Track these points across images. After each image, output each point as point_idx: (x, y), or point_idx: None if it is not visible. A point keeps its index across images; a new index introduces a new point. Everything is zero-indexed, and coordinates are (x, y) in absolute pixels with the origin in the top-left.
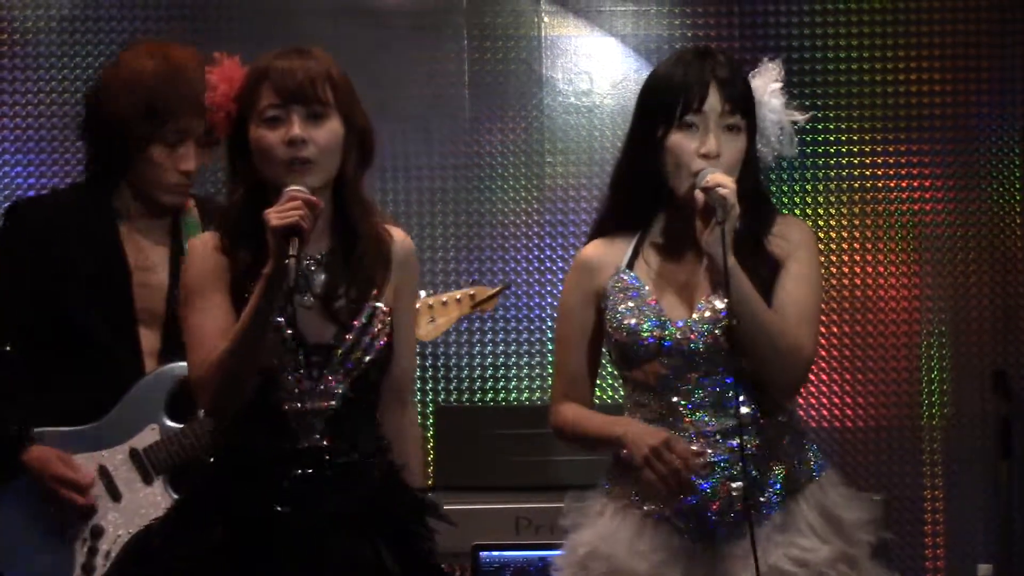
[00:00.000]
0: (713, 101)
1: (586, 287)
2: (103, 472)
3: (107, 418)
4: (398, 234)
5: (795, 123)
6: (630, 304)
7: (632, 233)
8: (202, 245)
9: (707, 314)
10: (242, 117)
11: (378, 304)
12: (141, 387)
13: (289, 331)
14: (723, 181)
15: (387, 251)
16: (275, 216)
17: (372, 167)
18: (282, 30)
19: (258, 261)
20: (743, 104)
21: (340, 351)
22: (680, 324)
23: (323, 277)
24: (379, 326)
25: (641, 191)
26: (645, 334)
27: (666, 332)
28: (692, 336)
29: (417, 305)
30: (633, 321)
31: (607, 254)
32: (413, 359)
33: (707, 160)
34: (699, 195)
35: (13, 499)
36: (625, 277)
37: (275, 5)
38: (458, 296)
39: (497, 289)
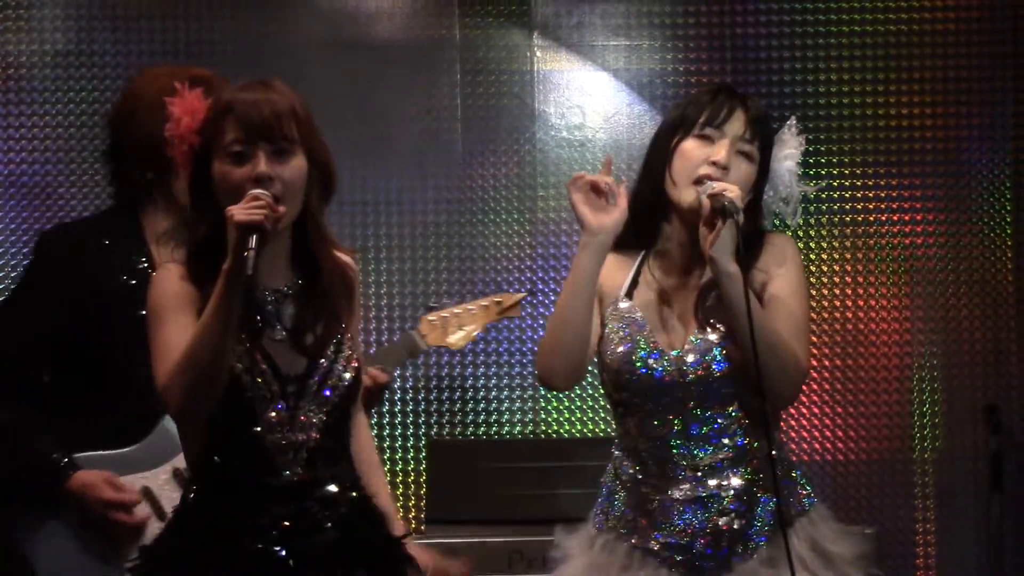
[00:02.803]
0: (735, 123)
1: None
2: (147, 493)
3: (148, 439)
4: (350, 261)
5: (803, 192)
6: (625, 333)
7: (634, 253)
8: (169, 273)
9: (701, 346)
10: (205, 150)
11: (345, 333)
12: None
13: (263, 363)
14: (729, 187)
15: (351, 282)
16: (239, 212)
17: (365, 201)
18: (276, 66)
19: None
20: (762, 136)
21: (314, 381)
22: (674, 355)
23: (292, 310)
24: (348, 353)
25: (648, 202)
26: (639, 364)
27: (660, 363)
28: (685, 368)
29: (445, 315)
30: (627, 350)
31: (608, 275)
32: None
33: (714, 168)
34: (705, 202)
35: (63, 523)
36: (623, 306)
37: (269, 41)
38: (484, 303)
39: (521, 295)
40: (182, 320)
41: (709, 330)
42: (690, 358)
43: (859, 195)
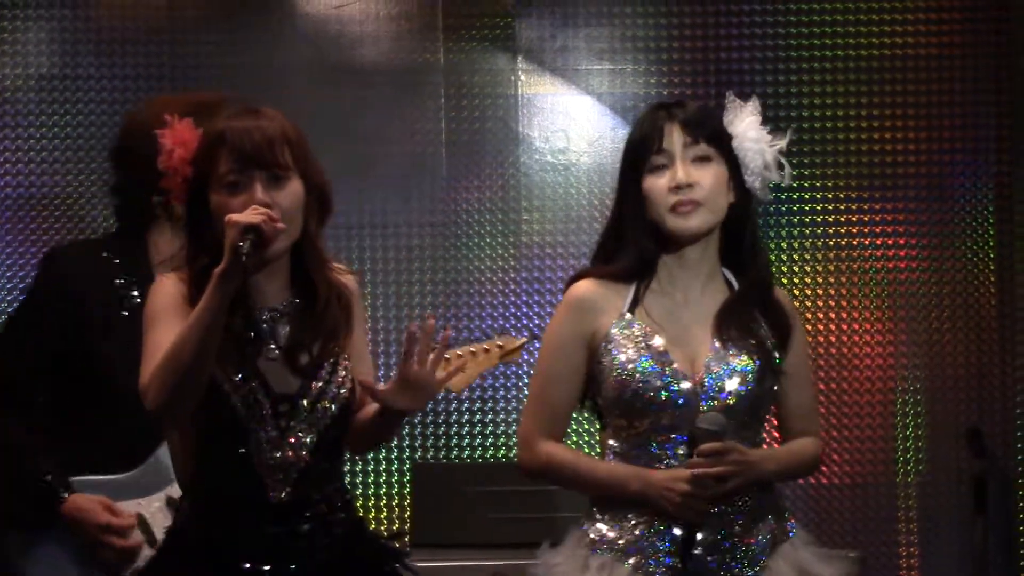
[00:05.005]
0: (673, 138)
1: (584, 326)
2: (140, 519)
3: (143, 467)
4: (346, 277)
5: (780, 150)
6: (637, 354)
7: (628, 281)
8: (169, 282)
9: (713, 373)
10: (199, 181)
11: (341, 354)
12: None
13: (254, 382)
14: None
15: (348, 303)
16: (238, 215)
17: (349, 225)
18: (261, 90)
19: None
20: (707, 133)
21: (306, 401)
22: (689, 378)
23: (286, 329)
24: (343, 374)
25: (640, 242)
26: (655, 387)
27: (676, 387)
28: (700, 393)
29: (447, 356)
30: (641, 371)
31: (606, 296)
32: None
33: (680, 191)
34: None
35: (55, 545)
36: (632, 324)
37: (254, 64)
38: (485, 346)
39: (523, 340)
40: (173, 326)
41: (723, 359)
42: (706, 383)
43: (842, 219)
